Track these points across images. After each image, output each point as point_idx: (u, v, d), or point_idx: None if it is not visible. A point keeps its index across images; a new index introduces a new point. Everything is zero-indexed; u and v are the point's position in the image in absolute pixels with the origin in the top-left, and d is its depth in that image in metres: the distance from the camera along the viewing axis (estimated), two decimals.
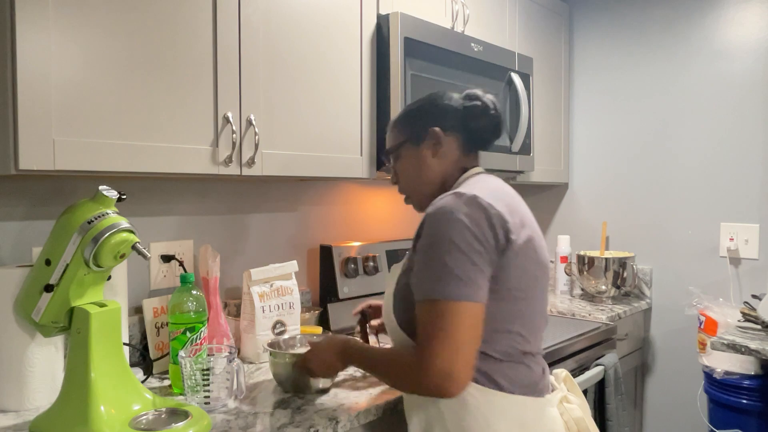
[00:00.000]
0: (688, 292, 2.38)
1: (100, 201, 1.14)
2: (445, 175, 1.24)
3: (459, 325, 1.01)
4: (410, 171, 1.26)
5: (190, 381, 1.24)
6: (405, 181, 1.28)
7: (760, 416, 2.02)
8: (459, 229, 1.04)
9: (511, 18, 2.33)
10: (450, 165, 1.23)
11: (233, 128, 1.40)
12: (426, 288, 1.05)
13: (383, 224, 2.32)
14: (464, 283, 1.03)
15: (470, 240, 1.04)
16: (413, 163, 1.25)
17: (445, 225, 1.05)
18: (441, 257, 1.04)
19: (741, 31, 2.34)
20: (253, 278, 1.61)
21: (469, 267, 1.03)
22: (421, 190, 1.26)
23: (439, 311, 1.02)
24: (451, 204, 1.07)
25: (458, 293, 1.02)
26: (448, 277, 1.03)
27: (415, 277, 1.09)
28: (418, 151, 1.24)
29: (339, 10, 1.67)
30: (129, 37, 1.23)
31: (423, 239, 1.09)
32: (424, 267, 1.06)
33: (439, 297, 1.03)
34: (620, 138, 2.67)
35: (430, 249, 1.06)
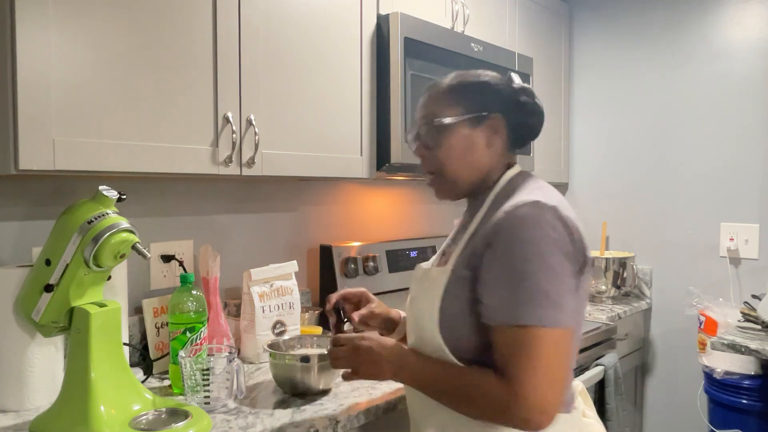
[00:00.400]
0: (688, 292, 2.38)
1: (100, 201, 1.14)
2: (490, 167, 1.11)
3: (555, 355, 0.92)
4: (456, 152, 1.09)
5: (190, 381, 1.24)
6: (444, 160, 1.10)
7: (760, 416, 2.02)
8: (549, 246, 0.94)
9: (511, 18, 2.33)
10: (497, 158, 1.12)
11: (233, 128, 1.40)
12: (515, 312, 0.93)
13: (383, 224, 2.32)
14: (559, 307, 0.93)
15: (561, 258, 0.95)
16: (463, 144, 1.09)
17: (534, 240, 0.94)
18: (532, 277, 0.93)
19: (741, 31, 2.34)
20: (253, 278, 1.61)
21: (563, 288, 0.94)
22: (461, 175, 1.11)
23: (531, 338, 0.92)
24: (537, 216, 0.96)
25: (554, 319, 0.92)
26: (543, 301, 0.92)
27: (496, 296, 0.96)
28: (473, 134, 1.09)
29: (339, 10, 1.67)
30: (129, 37, 1.23)
31: (502, 252, 0.96)
32: (510, 286, 0.94)
33: (533, 323, 0.92)
34: (620, 138, 2.67)
35: (515, 265, 0.94)
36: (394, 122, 1.74)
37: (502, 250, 0.96)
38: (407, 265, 2.17)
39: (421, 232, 2.48)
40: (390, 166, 1.78)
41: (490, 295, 0.97)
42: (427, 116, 1.12)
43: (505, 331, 0.95)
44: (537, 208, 0.97)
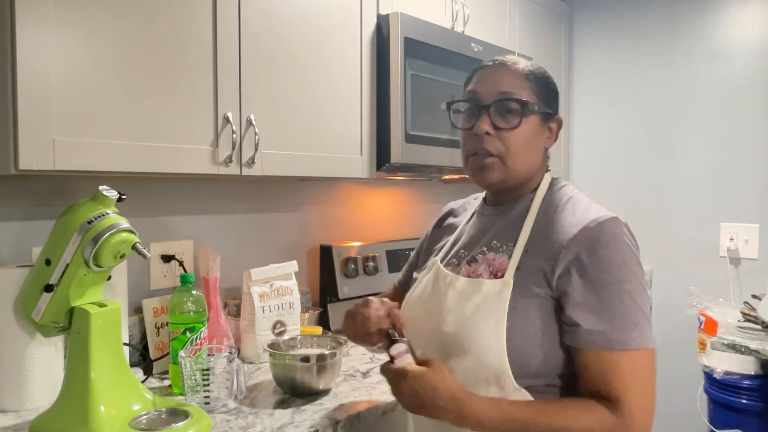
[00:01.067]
0: (688, 292, 2.38)
1: (100, 201, 1.14)
2: (539, 169, 1.08)
3: (652, 373, 0.93)
4: (526, 140, 1.02)
5: (190, 381, 1.24)
6: (513, 146, 1.01)
7: (760, 416, 2.02)
8: (637, 265, 0.95)
9: (511, 18, 2.33)
10: (544, 159, 1.09)
11: (233, 128, 1.40)
12: (619, 336, 0.90)
13: (383, 224, 2.32)
14: (651, 325, 0.93)
15: (642, 275, 0.95)
16: (530, 134, 1.03)
17: (627, 259, 0.93)
18: (633, 297, 0.92)
19: (741, 31, 2.34)
20: (253, 278, 1.61)
21: (649, 307, 0.95)
22: (519, 167, 1.03)
23: (639, 362, 0.91)
24: (621, 232, 0.95)
25: (651, 339, 0.92)
26: (644, 322, 0.92)
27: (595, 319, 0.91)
28: (541, 131, 1.05)
29: (339, 10, 1.67)
30: (129, 38, 1.23)
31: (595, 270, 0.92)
32: (612, 309, 0.91)
33: (639, 346, 0.90)
34: (620, 138, 2.66)
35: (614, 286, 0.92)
36: (394, 122, 1.74)
37: (596, 271, 0.92)
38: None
39: (421, 232, 2.47)
40: (390, 166, 1.78)
41: (589, 320, 0.91)
42: (505, 93, 1.01)
43: (609, 355, 0.91)
44: (617, 225, 0.96)
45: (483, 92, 1.03)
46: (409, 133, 1.76)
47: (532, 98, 1.02)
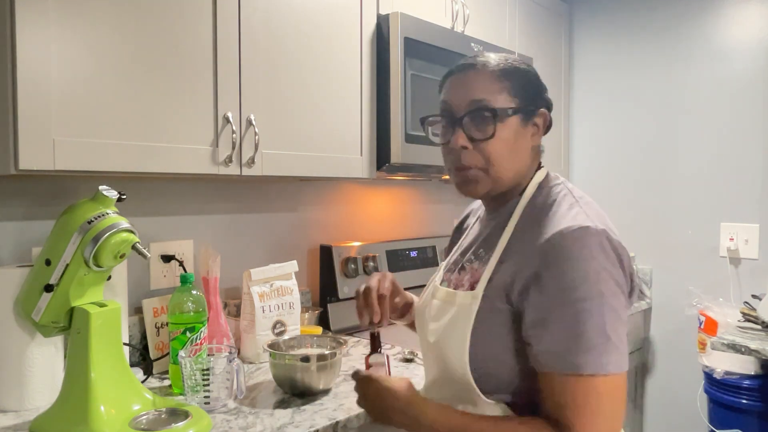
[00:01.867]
0: (688, 292, 2.38)
1: (100, 201, 1.14)
2: (528, 169, 1.01)
3: (616, 401, 0.86)
4: (507, 147, 0.96)
5: (190, 381, 1.24)
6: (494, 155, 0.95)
7: (760, 416, 2.02)
8: (606, 282, 0.84)
9: (511, 18, 2.33)
10: (533, 157, 1.01)
11: (233, 128, 1.40)
12: (575, 360, 0.83)
13: (383, 224, 2.32)
14: (618, 350, 0.84)
15: (617, 292, 0.86)
16: (512, 139, 0.96)
17: (591, 277, 0.84)
18: (592, 317, 0.83)
19: (741, 31, 2.34)
20: (253, 278, 1.61)
21: (621, 327, 0.86)
22: (504, 174, 0.97)
23: (595, 388, 0.83)
24: (590, 245, 0.85)
25: (615, 364, 0.84)
26: (604, 345, 0.83)
27: (551, 341, 0.85)
28: (523, 130, 0.97)
29: (339, 10, 1.67)
30: (129, 37, 1.23)
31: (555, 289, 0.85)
32: (569, 330, 0.84)
33: (597, 372, 0.83)
34: (620, 138, 2.67)
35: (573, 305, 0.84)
36: (394, 122, 1.74)
37: (554, 288, 0.85)
38: (407, 265, 2.17)
39: (421, 232, 2.47)
40: (390, 166, 1.78)
41: (543, 340, 0.86)
42: (477, 101, 0.95)
43: (563, 379, 0.85)
44: (587, 235, 0.85)
45: (455, 102, 0.97)
46: (409, 133, 1.76)
47: (508, 99, 0.95)
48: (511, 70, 0.98)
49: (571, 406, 0.84)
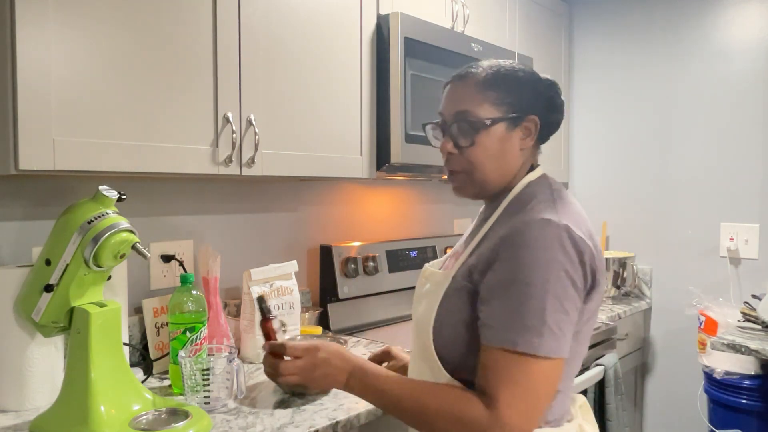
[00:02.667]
0: (688, 292, 2.38)
1: (100, 201, 1.14)
2: (518, 170, 1.06)
3: (543, 383, 0.90)
4: (489, 153, 1.02)
5: (190, 381, 1.24)
6: (476, 162, 1.03)
7: (760, 416, 2.02)
8: (555, 272, 0.90)
9: (511, 18, 2.33)
10: (525, 159, 1.07)
11: (233, 128, 1.40)
12: (511, 336, 0.89)
13: (383, 224, 2.32)
14: (556, 336, 0.89)
15: (566, 285, 0.90)
16: (498, 147, 1.02)
17: (540, 264, 0.89)
18: (533, 302, 0.89)
19: (741, 31, 2.34)
20: (253, 278, 1.61)
21: (563, 317, 0.90)
22: (490, 178, 1.04)
23: (522, 365, 0.89)
24: (545, 237, 0.91)
25: (549, 348, 0.89)
26: (539, 328, 0.89)
27: (493, 316, 0.92)
28: (509, 136, 1.03)
29: (339, 10, 1.67)
30: (129, 37, 1.23)
31: (506, 272, 0.92)
32: (509, 309, 0.90)
33: (527, 351, 0.88)
34: (620, 138, 2.67)
35: (518, 288, 0.90)
36: (394, 122, 1.74)
37: (504, 270, 0.92)
38: (407, 265, 2.17)
39: (421, 232, 2.47)
40: (390, 166, 1.78)
41: (487, 315, 0.93)
42: (461, 112, 1.03)
43: (498, 352, 0.91)
44: (547, 227, 0.91)
45: (445, 112, 1.06)
46: (409, 133, 1.76)
47: (491, 109, 1.01)
48: (498, 79, 1.03)
49: (499, 378, 0.90)
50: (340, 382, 1.05)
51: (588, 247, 0.94)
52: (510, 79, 1.03)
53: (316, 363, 1.06)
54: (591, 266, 0.94)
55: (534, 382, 0.90)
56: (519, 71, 1.05)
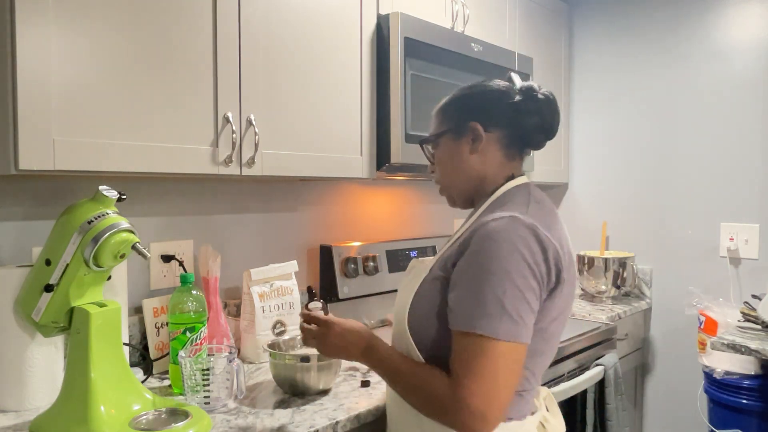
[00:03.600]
0: (688, 292, 2.38)
1: (100, 201, 1.14)
2: (484, 174, 1.14)
3: (502, 367, 0.95)
4: (446, 163, 1.17)
5: (190, 381, 1.24)
6: (441, 173, 1.19)
7: (760, 416, 2.02)
8: (516, 261, 0.96)
9: (511, 18, 2.33)
10: (492, 166, 1.14)
11: (233, 128, 1.40)
12: (472, 320, 0.96)
13: (383, 224, 2.32)
14: (515, 322, 0.95)
15: (527, 275, 0.97)
16: (451, 155, 1.16)
17: (502, 254, 0.96)
18: (493, 289, 0.95)
19: (741, 31, 2.34)
20: (253, 278, 1.61)
21: (523, 305, 0.96)
22: (456, 184, 1.17)
23: (483, 348, 0.95)
24: (510, 231, 0.98)
25: (508, 332, 0.95)
26: (499, 313, 0.95)
27: (458, 302, 0.99)
28: (457, 145, 1.14)
29: (339, 10, 1.67)
30: (129, 38, 1.23)
31: (471, 261, 0.99)
32: (472, 295, 0.97)
33: (486, 333, 0.95)
34: (620, 138, 2.67)
35: (481, 276, 0.97)
36: (394, 122, 1.74)
37: (471, 260, 0.99)
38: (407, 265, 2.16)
39: (421, 232, 2.47)
40: (390, 166, 1.78)
41: (454, 301, 1.00)
42: (426, 138, 1.21)
43: (462, 335, 0.98)
44: (512, 223, 0.99)
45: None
46: (409, 133, 1.76)
47: (441, 127, 1.17)
48: (449, 100, 1.18)
49: (462, 360, 0.97)
50: (354, 356, 1.13)
51: (553, 246, 1.00)
52: (457, 98, 1.17)
53: (328, 335, 1.14)
54: (556, 264, 1.01)
55: (493, 365, 0.95)
56: (472, 88, 1.16)
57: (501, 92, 1.13)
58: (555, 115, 1.14)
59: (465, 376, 0.95)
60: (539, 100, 1.12)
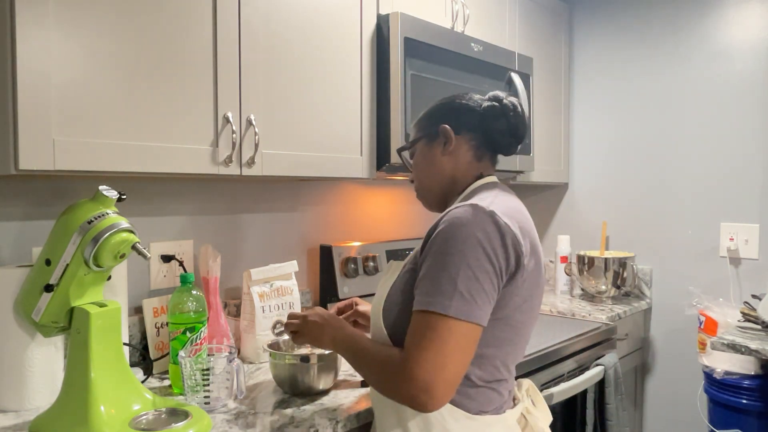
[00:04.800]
0: (688, 292, 2.38)
1: (100, 201, 1.14)
2: (455, 175, 1.21)
3: (450, 342, 0.98)
4: (421, 168, 1.24)
5: (190, 381, 1.24)
6: (417, 177, 1.26)
7: (760, 416, 2.02)
8: (472, 245, 1.00)
9: (511, 18, 2.33)
10: (462, 166, 1.20)
11: (233, 128, 1.40)
12: (426, 299, 1.01)
13: (383, 224, 2.32)
14: (466, 301, 0.99)
15: (482, 259, 1.00)
16: (425, 160, 1.23)
17: (459, 238, 1.01)
18: (448, 270, 1.00)
19: (741, 31, 2.34)
20: (253, 278, 1.61)
21: (476, 286, 1.00)
22: (430, 187, 1.24)
23: (433, 324, 0.99)
24: (468, 217, 1.03)
25: (457, 310, 0.98)
26: (451, 292, 0.99)
27: (419, 285, 1.04)
28: (430, 148, 1.22)
29: (339, 10, 1.67)
30: (129, 37, 1.23)
31: (433, 247, 1.04)
32: (429, 277, 1.02)
33: (437, 310, 0.99)
34: (620, 138, 2.67)
35: (438, 259, 1.02)
36: (394, 122, 1.74)
37: (432, 245, 1.04)
38: None
39: (421, 232, 2.48)
40: (390, 166, 1.78)
41: (417, 285, 1.05)
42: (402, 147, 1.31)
43: (417, 314, 1.02)
44: (472, 209, 1.04)
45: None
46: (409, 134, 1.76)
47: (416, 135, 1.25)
48: (422, 114, 1.26)
49: (413, 335, 1.01)
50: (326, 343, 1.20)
51: (511, 232, 1.03)
52: (430, 109, 1.25)
53: (305, 326, 1.24)
54: (515, 249, 1.04)
55: (441, 339, 0.98)
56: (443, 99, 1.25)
57: (471, 100, 1.22)
58: (520, 118, 1.20)
59: (414, 349, 0.99)
60: (505, 105, 1.19)
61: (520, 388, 1.23)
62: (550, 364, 1.80)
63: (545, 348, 1.79)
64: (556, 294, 2.62)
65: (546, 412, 1.25)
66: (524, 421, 1.18)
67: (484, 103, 1.21)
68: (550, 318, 2.21)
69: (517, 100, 1.21)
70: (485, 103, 1.21)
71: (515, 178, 2.39)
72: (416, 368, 0.97)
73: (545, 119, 2.57)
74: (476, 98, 1.22)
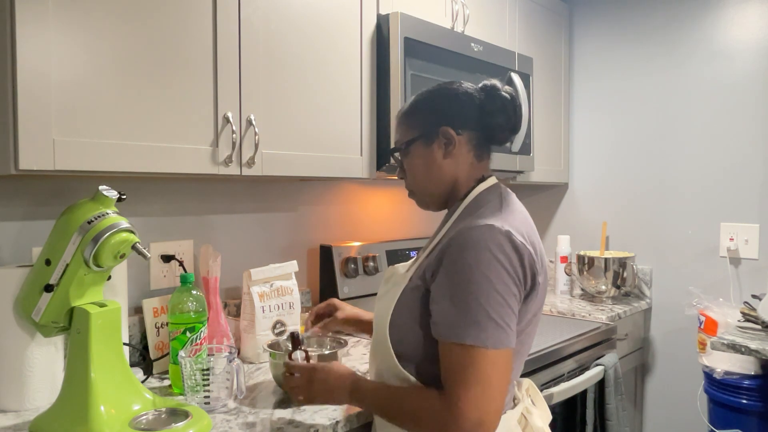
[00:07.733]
0: (688, 292, 2.37)
1: (100, 201, 1.14)
2: (456, 177, 1.15)
3: (494, 376, 0.96)
4: (419, 170, 1.17)
5: (190, 381, 1.24)
6: (413, 179, 1.19)
7: (760, 416, 2.02)
8: (497, 269, 0.97)
9: (511, 18, 2.33)
10: (464, 168, 1.15)
11: (233, 128, 1.40)
12: (459, 331, 0.97)
13: (383, 224, 2.32)
14: (501, 329, 0.97)
15: (508, 282, 0.98)
16: (423, 162, 1.16)
17: (482, 261, 0.97)
18: (477, 297, 0.96)
19: (741, 32, 2.34)
20: (253, 278, 1.61)
21: (507, 311, 0.98)
22: (429, 189, 1.18)
23: (472, 358, 0.96)
24: (487, 238, 0.99)
25: (496, 340, 0.96)
26: (486, 322, 0.96)
27: (442, 313, 1.00)
28: (429, 151, 1.15)
29: (339, 10, 1.67)
30: (129, 37, 1.23)
31: (451, 271, 1.00)
32: (456, 305, 0.98)
33: (475, 344, 0.96)
34: (620, 138, 2.67)
35: (462, 286, 0.98)
36: (394, 122, 1.74)
37: (451, 270, 1.00)
38: None
39: (421, 232, 2.48)
40: (390, 166, 1.78)
41: (437, 312, 1.01)
42: (394, 148, 1.21)
43: (449, 347, 0.99)
44: (489, 231, 1.00)
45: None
46: None
47: (407, 134, 1.17)
48: (413, 106, 1.18)
49: (453, 373, 0.97)
50: (341, 399, 1.14)
51: (528, 251, 1.01)
52: (420, 103, 1.18)
53: (312, 382, 1.16)
54: (531, 269, 1.02)
55: (485, 374, 0.96)
56: (433, 93, 1.17)
57: (466, 94, 1.15)
58: (518, 110, 1.16)
59: (458, 387, 0.96)
60: (503, 98, 1.14)
61: (520, 388, 1.23)
62: (550, 364, 1.80)
63: (545, 348, 1.79)
64: (556, 294, 2.62)
65: (546, 411, 1.25)
66: (524, 421, 1.18)
67: (482, 95, 1.15)
68: (550, 318, 2.21)
69: (512, 90, 1.16)
70: (482, 95, 1.15)
71: (515, 178, 2.39)
72: (466, 408, 0.95)
73: (545, 119, 2.57)
74: (471, 90, 1.16)
